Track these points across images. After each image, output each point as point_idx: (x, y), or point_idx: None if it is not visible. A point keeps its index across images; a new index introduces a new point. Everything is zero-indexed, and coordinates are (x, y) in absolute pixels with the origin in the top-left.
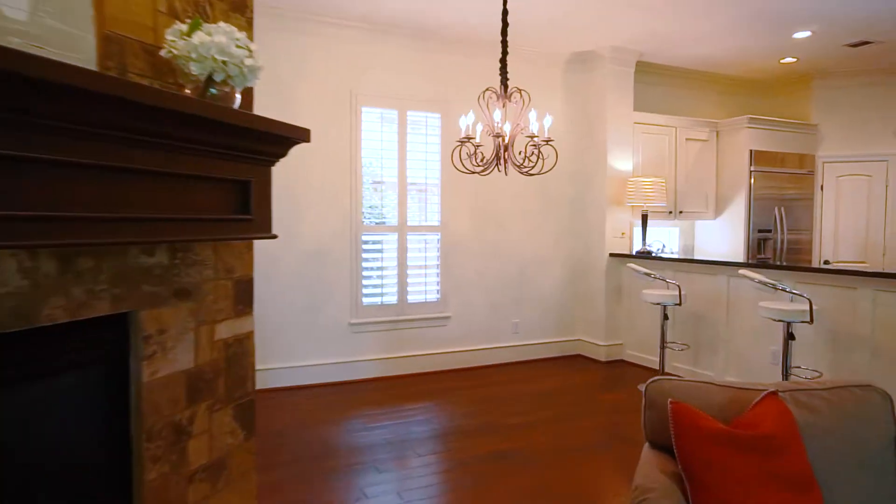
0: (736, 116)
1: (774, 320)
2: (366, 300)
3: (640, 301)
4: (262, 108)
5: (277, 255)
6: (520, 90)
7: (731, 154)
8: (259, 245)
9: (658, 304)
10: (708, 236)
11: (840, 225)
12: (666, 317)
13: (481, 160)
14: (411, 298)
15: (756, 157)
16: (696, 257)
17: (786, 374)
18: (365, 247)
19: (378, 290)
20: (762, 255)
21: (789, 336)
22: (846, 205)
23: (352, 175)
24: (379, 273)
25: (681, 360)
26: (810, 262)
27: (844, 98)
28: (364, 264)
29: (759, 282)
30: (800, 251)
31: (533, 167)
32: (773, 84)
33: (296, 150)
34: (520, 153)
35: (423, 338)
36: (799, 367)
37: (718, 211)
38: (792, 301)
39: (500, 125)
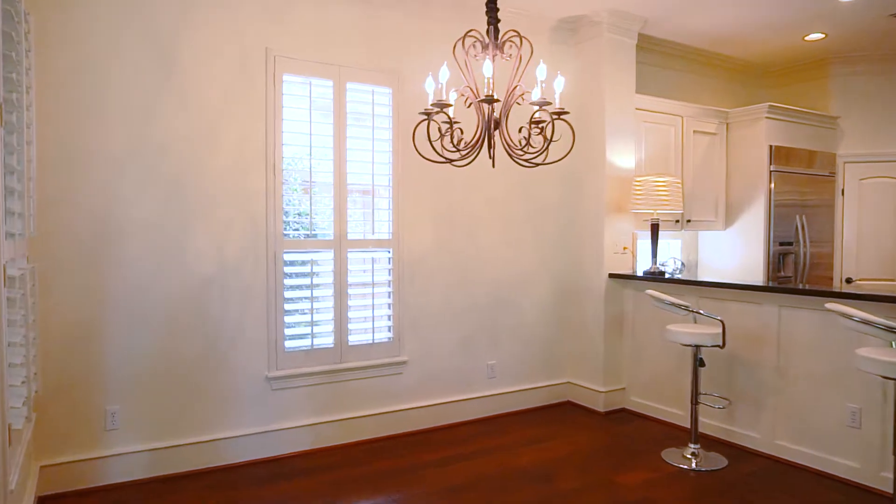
0: (745, 106)
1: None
2: (290, 344)
3: (652, 335)
4: (133, 69)
5: (149, 282)
6: (520, 35)
7: (746, 150)
8: (119, 269)
9: (691, 345)
10: (715, 250)
11: (864, 237)
12: (702, 363)
13: (458, 143)
14: (354, 339)
15: (775, 154)
16: (703, 277)
17: None
18: (289, 269)
19: (307, 330)
20: (783, 274)
21: None
22: (869, 212)
23: (269, 170)
24: (308, 306)
25: (708, 414)
26: (831, 280)
27: (867, 87)
28: (287, 294)
29: (862, 320)
30: (819, 266)
31: (538, 153)
32: (788, 70)
33: (185, 136)
34: (520, 130)
35: (370, 392)
36: None
37: (729, 220)
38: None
39: (490, 85)
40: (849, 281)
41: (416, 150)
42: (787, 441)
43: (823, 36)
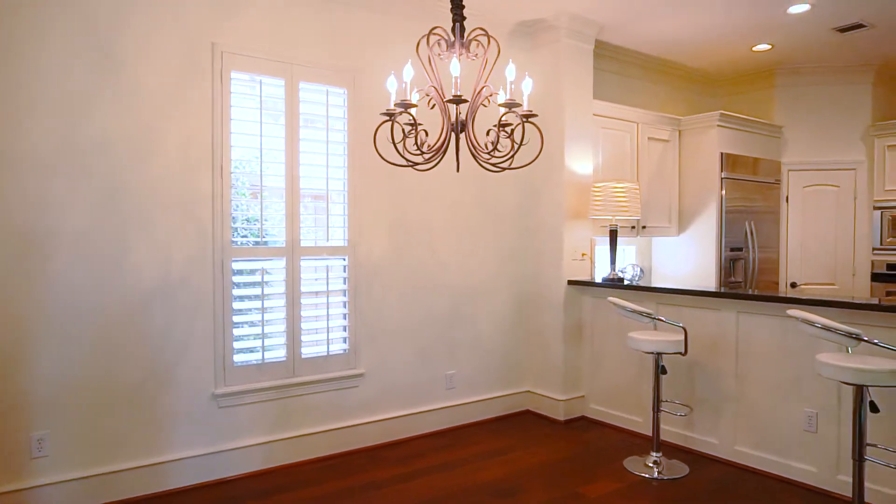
0: (697, 114)
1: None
2: (239, 358)
3: (611, 342)
4: (65, 58)
5: (82, 297)
6: (487, 33)
7: (698, 158)
8: (48, 284)
9: (653, 352)
10: (668, 256)
11: (808, 242)
12: (664, 370)
13: (422, 145)
14: (307, 352)
15: (726, 161)
16: (657, 283)
17: None
18: (238, 278)
19: (257, 343)
20: (733, 279)
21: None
22: (812, 218)
23: (215, 174)
24: (259, 318)
25: (669, 421)
26: (777, 284)
27: (810, 98)
28: (237, 305)
29: (824, 326)
30: (766, 271)
31: (506, 156)
32: (737, 79)
33: (124, 135)
34: (487, 133)
35: (325, 407)
36: None
37: (682, 226)
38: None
39: (457, 85)
40: (793, 285)
41: (378, 152)
42: (746, 447)
43: (770, 47)
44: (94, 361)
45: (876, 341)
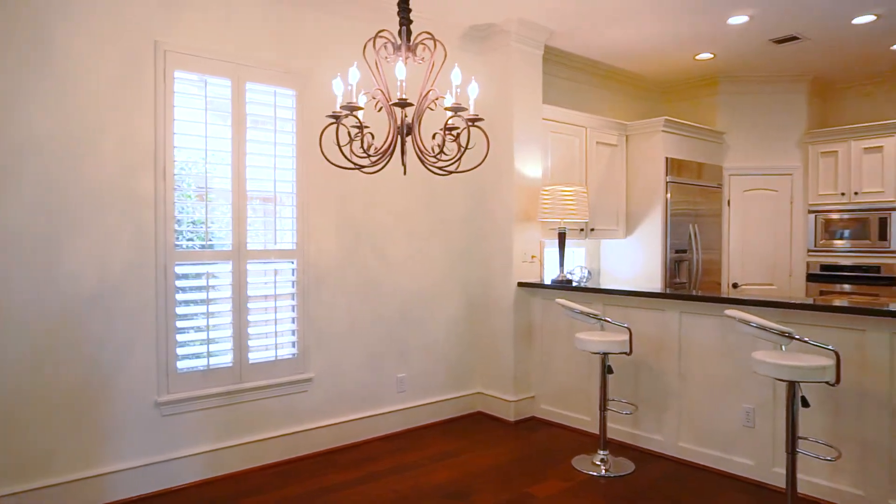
0: (643, 119)
1: (780, 380)
2: (183, 365)
3: (560, 343)
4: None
5: (12, 304)
6: (433, 37)
7: (644, 162)
8: None
9: (599, 353)
10: (616, 258)
11: (748, 244)
12: (610, 370)
13: (368, 148)
14: (255, 357)
15: (671, 166)
16: (605, 285)
17: None
18: (181, 283)
19: (202, 349)
20: (678, 280)
21: (802, 402)
22: (752, 222)
23: (158, 175)
24: (204, 323)
25: (616, 419)
26: (720, 285)
27: (750, 106)
28: (181, 310)
29: (759, 326)
30: (710, 272)
31: (452, 160)
32: (681, 86)
33: (60, 133)
34: (434, 136)
35: (274, 413)
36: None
37: (629, 228)
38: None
39: (402, 88)
40: (735, 286)
41: (324, 155)
42: (689, 443)
43: (713, 56)
44: (27, 370)
45: (806, 339)
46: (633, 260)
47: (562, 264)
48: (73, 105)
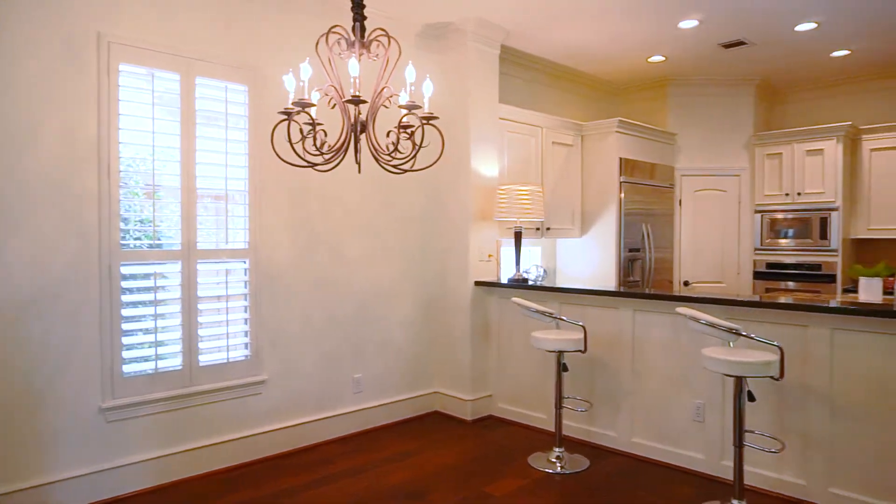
0: (598, 120)
1: (727, 375)
2: (129, 368)
3: (517, 341)
4: None
5: None
6: (387, 34)
7: (599, 162)
8: None
9: (555, 351)
10: (572, 257)
11: (699, 243)
12: (565, 368)
13: (321, 145)
14: (206, 359)
15: (625, 166)
16: (561, 283)
17: None
18: (127, 283)
19: (150, 352)
20: (632, 278)
21: (749, 397)
22: (702, 221)
23: (101, 172)
24: (152, 325)
25: (572, 417)
26: (672, 282)
27: (700, 108)
28: (127, 311)
29: (708, 323)
30: (662, 271)
31: (407, 158)
32: (635, 88)
33: None
34: (388, 135)
35: (226, 416)
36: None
37: (585, 228)
38: (730, 346)
39: (356, 85)
40: (686, 283)
41: (275, 152)
42: (642, 438)
43: (664, 59)
44: None
45: (752, 335)
46: (589, 259)
47: (518, 263)
48: (7, 98)
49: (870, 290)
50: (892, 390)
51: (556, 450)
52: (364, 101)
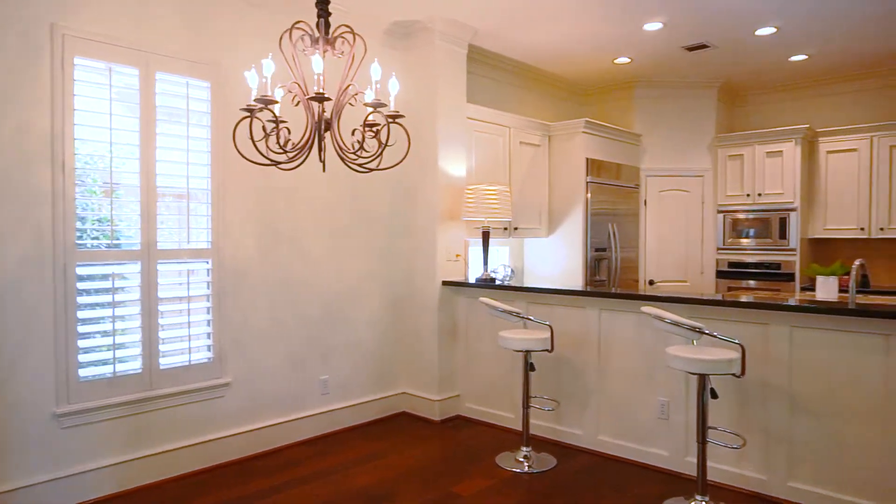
0: (565, 120)
1: (691, 373)
2: (86, 372)
3: (484, 341)
4: None
5: None
6: (352, 31)
7: (566, 162)
8: None
9: (522, 350)
10: (539, 256)
11: (663, 242)
12: (532, 367)
13: (285, 143)
14: (167, 362)
15: (591, 167)
16: (529, 283)
17: None
18: (84, 284)
19: (108, 355)
20: (598, 277)
21: (711, 394)
22: (667, 221)
23: (56, 170)
24: (110, 327)
25: (539, 416)
26: (637, 282)
27: (664, 109)
28: (83, 314)
29: (673, 321)
30: (628, 270)
31: (373, 157)
32: (601, 89)
33: None
34: (353, 133)
35: (188, 420)
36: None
37: (552, 227)
38: (693, 343)
39: (320, 81)
40: (651, 283)
41: (237, 150)
42: (608, 436)
43: (630, 60)
44: None
45: (715, 334)
46: (556, 258)
47: (486, 263)
48: None
49: (826, 289)
50: (847, 386)
51: (524, 449)
52: (328, 99)
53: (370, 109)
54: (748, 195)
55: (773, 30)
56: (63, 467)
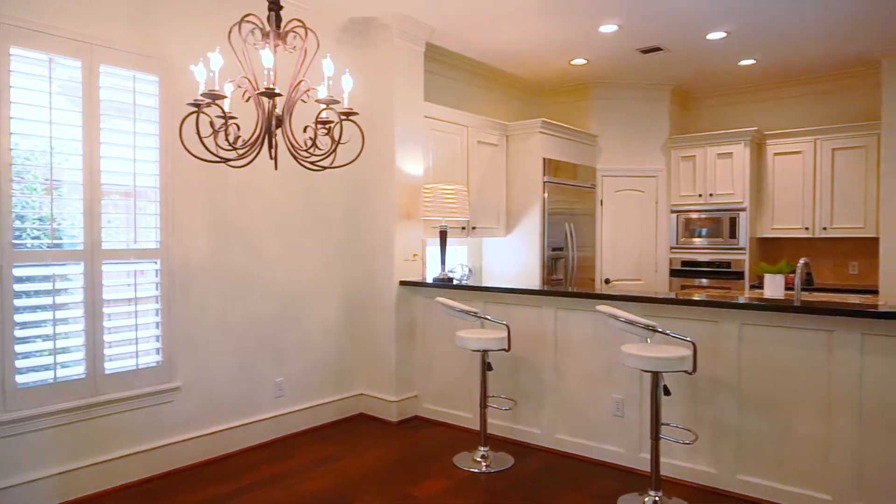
0: (523, 120)
1: (645, 371)
2: (25, 379)
3: (442, 341)
4: None
5: None
6: (304, 25)
7: (523, 162)
8: None
9: (479, 350)
10: (497, 256)
11: (619, 242)
12: (490, 367)
13: (235, 140)
14: (113, 366)
15: (548, 167)
16: (487, 282)
17: None
18: (22, 286)
19: (48, 360)
20: (555, 277)
21: (665, 391)
22: (623, 221)
23: None
24: (50, 330)
25: (496, 415)
26: (594, 280)
27: (620, 111)
28: (21, 317)
29: (627, 320)
30: (584, 269)
31: (325, 155)
32: (559, 89)
33: None
34: (305, 130)
35: (136, 427)
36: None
37: (510, 227)
38: (647, 340)
39: (270, 76)
40: (607, 281)
41: (184, 146)
42: (565, 434)
43: (586, 62)
44: None
45: (668, 332)
46: (514, 257)
47: (443, 262)
48: None
49: (773, 287)
50: (793, 380)
51: (481, 449)
52: (279, 95)
53: (323, 106)
54: (700, 195)
55: (723, 34)
56: (4, 478)
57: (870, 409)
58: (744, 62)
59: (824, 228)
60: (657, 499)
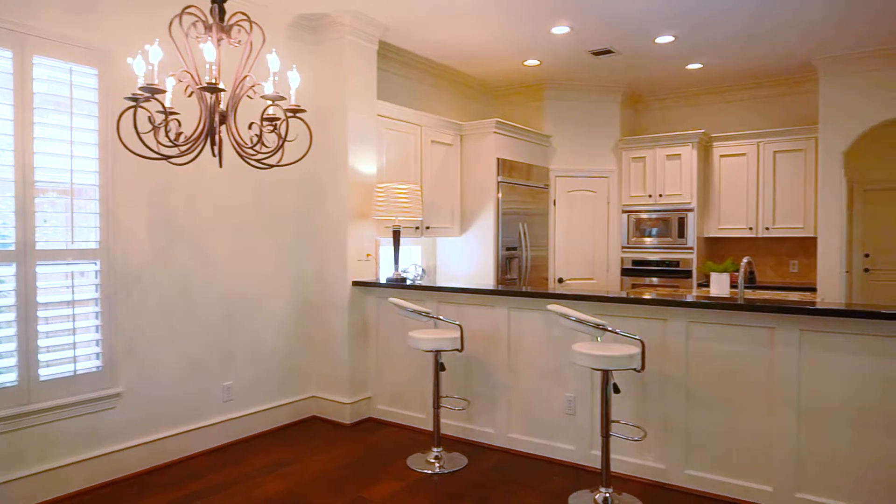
0: (477, 120)
1: (595, 370)
2: None
3: (395, 342)
4: None
5: None
6: (249, 19)
7: (477, 162)
8: None
9: (432, 350)
10: (452, 256)
11: (572, 241)
12: (442, 367)
13: (177, 137)
14: (48, 373)
15: (502, 167)
16: (442, 282)
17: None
18: None
19: None
20: (509, 276)
21: (615, 389)
22: (575, 220)
23: None
24: None
25: (450, 415)
26: (547, 280)
27: (572, 112)
28: None
29: (577, 319)
30: (538, 268)
31: (272, 153)
32: (512, 90)
33: None
34: (250, 127)
35: (75, 435)
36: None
37: (464, 227)
38: (598, 340)
39: (213, 70)
40: (560, 280)
41: (122, 142)
42: (518, 433)
43: (539, 63)
44: None
45: (618, 330)
46: (469, 257)
47: (397, 262)
48: None
49: (719, 285)
50: (737, 376)
51: (435, 450)
52: (222, 90)
53: (269, 103)
54: (650, 196)
55: (671, 38)
56: None
57: (807, 403)
58: (691, 66)
59: (767, 228)
60: (608, 495)
